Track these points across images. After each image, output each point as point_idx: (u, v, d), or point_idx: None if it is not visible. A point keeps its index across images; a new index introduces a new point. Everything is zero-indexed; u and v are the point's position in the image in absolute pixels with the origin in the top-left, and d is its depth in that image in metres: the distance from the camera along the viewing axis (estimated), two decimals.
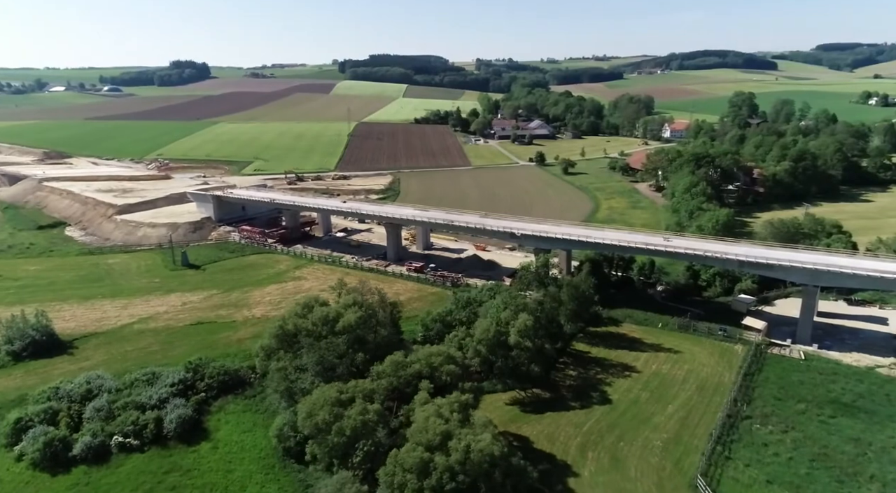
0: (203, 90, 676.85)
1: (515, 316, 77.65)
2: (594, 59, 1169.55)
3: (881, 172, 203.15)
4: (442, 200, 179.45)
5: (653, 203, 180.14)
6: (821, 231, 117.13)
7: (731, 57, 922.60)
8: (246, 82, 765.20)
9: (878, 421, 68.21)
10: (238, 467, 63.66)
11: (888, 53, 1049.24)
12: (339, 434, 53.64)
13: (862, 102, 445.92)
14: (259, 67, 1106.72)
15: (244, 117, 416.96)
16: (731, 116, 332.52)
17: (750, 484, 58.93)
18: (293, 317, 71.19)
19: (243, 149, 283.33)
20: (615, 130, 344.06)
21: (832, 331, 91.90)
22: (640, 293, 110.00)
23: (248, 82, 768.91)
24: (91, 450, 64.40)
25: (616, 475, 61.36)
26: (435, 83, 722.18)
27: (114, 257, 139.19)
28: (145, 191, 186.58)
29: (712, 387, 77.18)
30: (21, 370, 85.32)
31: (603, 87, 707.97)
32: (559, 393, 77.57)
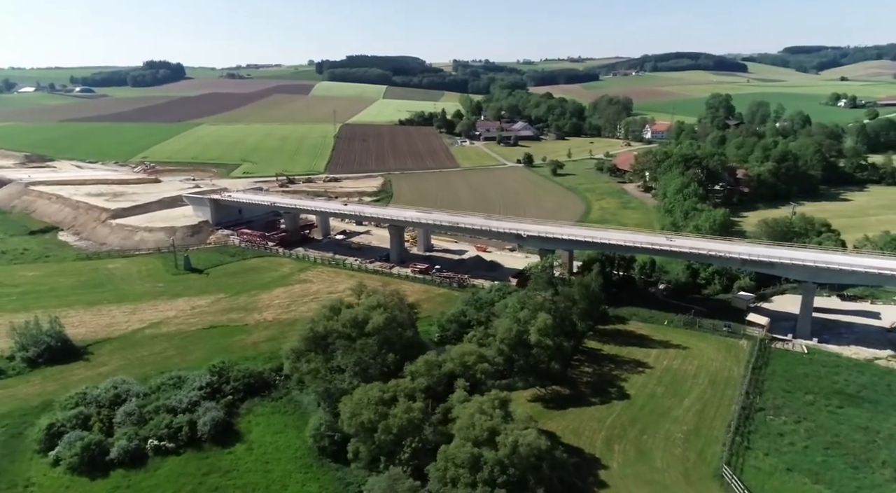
0: (179, 91, 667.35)
1: (534, 315, 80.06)
2: (569, 60, 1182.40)
3: (857, 172, 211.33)
4: (436, 201, 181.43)
5: (642, 204, 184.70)
6: (811, 230, 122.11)
7: (702, 59, 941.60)
8: (223, 83, 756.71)
9: (882, 410, 72.21)
10: (276, 467, 64.81)
11: (851, 56, 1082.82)
12: (385, 432, 55.32)
13: (831, 104, 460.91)
14: (234, 68, 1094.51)
15: (225, 119, 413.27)
16: (710, 118, 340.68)
17: (771, 472, 62.16)
18: (322, 319, 72.42)
19: (229, 151, 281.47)
20: (597, 132, 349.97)
21: (829, 326, 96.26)
22: (642, 292, 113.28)
23: (225, 83, 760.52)
24: (128, 454, 64.91)
25: (643, 466, 64.07)
26: (413, 84, 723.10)
27: (112, 261, 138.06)
28: (136, 195, 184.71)
29: (723, 381, 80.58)
30: (38, 377, 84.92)
31: (580, 88, 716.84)
32: (578, 389, 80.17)
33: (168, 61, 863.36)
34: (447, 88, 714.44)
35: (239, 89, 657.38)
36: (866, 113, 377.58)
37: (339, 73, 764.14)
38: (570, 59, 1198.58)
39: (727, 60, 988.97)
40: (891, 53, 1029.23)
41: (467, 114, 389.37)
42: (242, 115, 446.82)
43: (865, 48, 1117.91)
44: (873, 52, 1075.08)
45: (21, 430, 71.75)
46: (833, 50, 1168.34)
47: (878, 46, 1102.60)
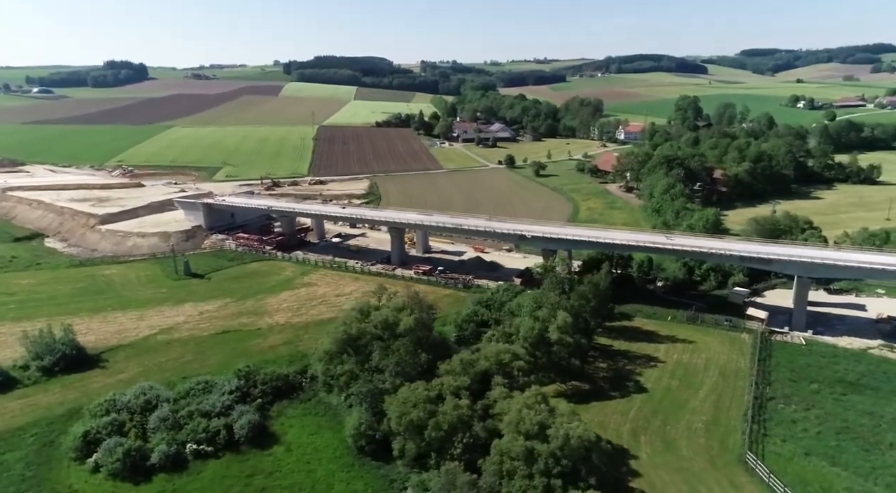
0: (143, 92, 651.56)
1: (553, 314, 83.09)
2: (535, 61, 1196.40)
3: (826, 172, 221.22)
4: (425, 204, 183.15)
5: (627, 204, 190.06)
6: (795, 227, 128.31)
7: (665, 61, 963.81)
8: (188, 84, 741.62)
9: (883, 396, 77.40)
10: (318, 467, 66.05)
11: (804, 59, 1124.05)
12: (436, 429, 57.31)
13: (791, 106, 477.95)
14: (197, 68, 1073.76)
15: (197, 121, 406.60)
16: (680, 119, 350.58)
17: (790, 457, 66.30)
18: (354, 321, 73.84)
19: (208, 154, 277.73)
20: (572, 133, 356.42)
21: (821, 318, 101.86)
22: (641, 290, 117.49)
23: (191, 84, 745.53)
24: (169, 458, 65.40)
25: (670, 455, 67.51)
26: (384, 85, 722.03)
27: (108, 268, 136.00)
28: (122, 199, 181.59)
29: (732, 373, 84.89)
30: (57, 386, 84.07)
31: (548, 89, 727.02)
32: (597, 384, 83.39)
33: (130, 61, 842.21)
34: (417, 88, 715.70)
35: (206, 90, 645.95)
36: (825, 114, 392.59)
37: (309, 74, 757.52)
38: (536, 60, 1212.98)
39: (688, 62, 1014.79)
40: (840, 56, 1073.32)
41: (443, 115, 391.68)
42: (214, 116, 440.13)
43: (817, 51, 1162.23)
44: (824, 55, 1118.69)
45: (52, 438, 71.43)
46: (787, 53, 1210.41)
47: (828, 50, 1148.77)
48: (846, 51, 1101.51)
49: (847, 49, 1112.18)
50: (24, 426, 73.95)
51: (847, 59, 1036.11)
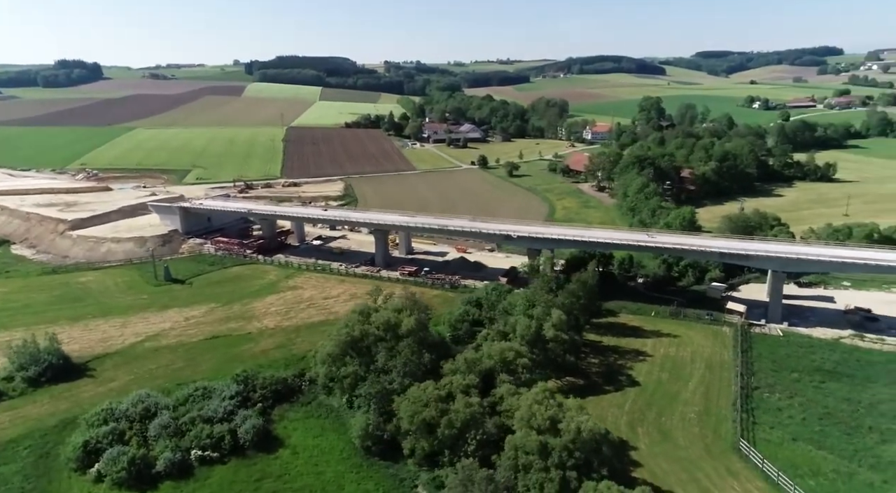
0: (99, 92, 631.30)
1: (548, 312, 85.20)
2: (499, 62, 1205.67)
3: (786, 170, 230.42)
4: (402, 204, 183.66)
5: (601, 203, 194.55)
6: (765, 224, 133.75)
7: (624, 62, 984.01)
8: (145, 84, 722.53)
9: (858, 383, 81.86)
10: (326, 469, 66.44)
11: (756, 61, 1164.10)
12: (449, 427, 58.44)
13: (747, 106, 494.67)
14: (153, 67, 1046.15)
15: (159, 122, 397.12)
16: (644, 119, 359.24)
17: (780, 443, 69.71)
18: (356, 323, 74.32)
19: (176, 156, 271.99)
20: (540, 133, 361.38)
21: (794, 310, 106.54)
22: (623, 286, 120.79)
23: (148, 84, 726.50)
24: (174, 465, 64.87)
25: (668, 445, 70.19)
26: (349, 85, 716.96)
27: (83, 274, 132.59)
28: (90, 204, 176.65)
29: (718, 364, 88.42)
30: (45, 396, 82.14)
31: (512, 90, 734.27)
32: (590, 379, 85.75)
33: (83, 60, 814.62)
34: (383, 89, 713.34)
35: (165, 91, 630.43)
36: (779, 114, 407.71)
37: (271, 74, 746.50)
38: (499, 61, 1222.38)
39: (647, 64, 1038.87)
40: (789, 58, 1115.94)
41: (412, 116, 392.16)
42: (176, 118, 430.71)
43: (768, 54, 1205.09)
44: (774, 57, 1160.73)
45: (48, 450, 70.09)
46: (739, 55, 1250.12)
47: (777, 52, 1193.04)
48: (794, 53, 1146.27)
49: (795, 52, 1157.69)
50: (16, 438, 72.23)
51: (795, 62, 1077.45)
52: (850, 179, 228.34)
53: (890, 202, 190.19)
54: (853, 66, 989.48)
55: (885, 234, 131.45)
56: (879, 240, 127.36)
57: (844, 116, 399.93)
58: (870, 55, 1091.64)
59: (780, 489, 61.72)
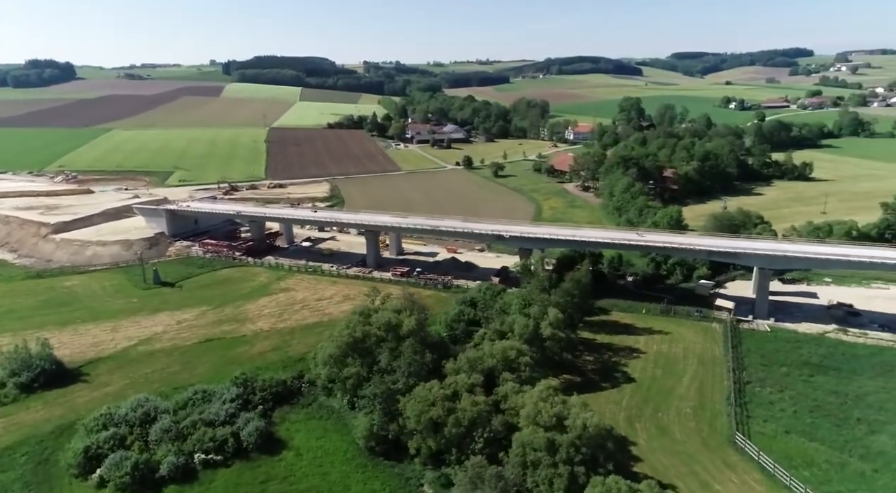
0: (72, 93, 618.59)
1: (545, 311, 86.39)
2: (478, 62, 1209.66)
3: (764, 169, 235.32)
4: (389, 205, 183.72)
5: (587, 202, 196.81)
6: (749, 222, 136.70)
7: (602, 63, 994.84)
8: (121, 84, 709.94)
9: (845, 376, 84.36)
10: (331, 469, 66.66)
11: (729, 62, 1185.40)
12: (456, 425, 59.13)
13: (723, 106, 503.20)
14: (128, 67, 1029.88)
15: (136, 123, 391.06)
16: (625, 120, 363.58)
17: (773, 436, 71.66)
18: (357, 324, 74.61)
19: (157, 158, 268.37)
20: (523, 133, 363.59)
21: (780, 306, 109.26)
22: (613, 285, 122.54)
23: (124, 84, 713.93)
24: (178, 469, 64.60)
25: (666, 440, 71.71)
26: (328, 86, 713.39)
27: (68, 279, 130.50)
28: (72, 207, 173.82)
29: (710, 360, 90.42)
30: (39, 403, 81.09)
31: (492, 90, 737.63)
32: (587, 377, 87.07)
33: (55, 60, 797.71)
34: (363, 89, 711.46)
35: (141, 91, 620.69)
36: (755, 115, 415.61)
37: (250, 75, 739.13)
38: (478, 61, 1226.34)
39: (624, 64, 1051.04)
40: (761, 60, 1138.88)
41: (395, 117, 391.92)
42: (154, 118, 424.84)
43: (741, 55, 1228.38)
44: (747, 58, 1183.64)
45: (46, 456, 69.32)
46: (714, 56, 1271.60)
47: (750, 53, 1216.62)
48: (766, 54, 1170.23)
49: (767, 53, 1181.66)
50: (11, 445, 71.34)
51: (768, 63, 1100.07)
52: (826, 178, 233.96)
53: (864, 200, 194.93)
54: (823, 67, 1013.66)
55: (863, 231, 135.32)
56: (858, 237, 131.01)
57: (817, 117, 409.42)
58: (839, 57, 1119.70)
59: (776, 481, 63.51)
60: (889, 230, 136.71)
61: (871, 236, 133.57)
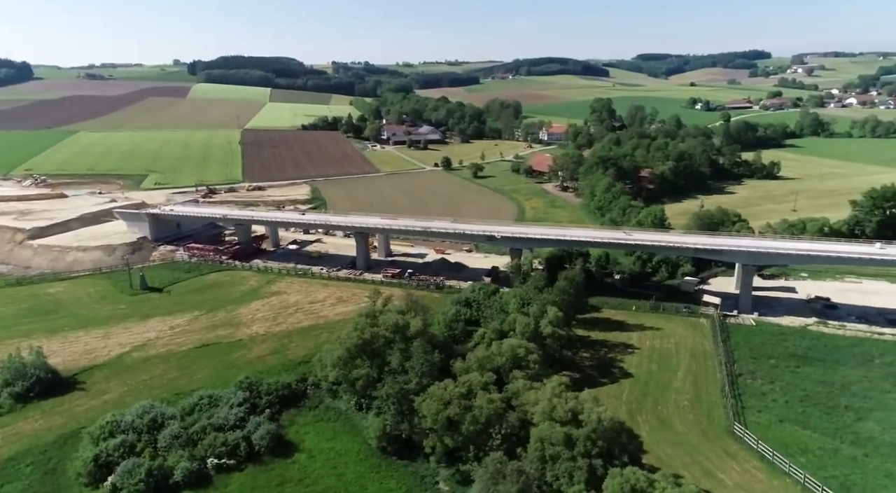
0: (31, 93, 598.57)
1: (543, 309, 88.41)
2: (447, 63, 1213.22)
3: (735, 168, 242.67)
4: (372, 206, 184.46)
5: (567, 202, 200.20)
6: (727, 220, 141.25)
7: (570, 64, 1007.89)
8: (82, 84, 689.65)
9: (829, 367, 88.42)
10: (346, 470, 67.23)
11: (692, 63, 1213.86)
12: (473, 423, 60.42)
13: (690, 107, 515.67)
14: (86, 67, 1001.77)
15: (103, 125, 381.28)
16: (598, 120, 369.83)
17: (768, 425, 74.87)
18: (366, 326, 75.26)
19: (128, 161, 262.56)
20: (498, 134, 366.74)
21: (762, 301, 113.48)
22: (601, 283, 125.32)
23: (85, 84, 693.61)
24: (192, 475, 64.37)
25: (668, 432, 74.28)
26: (298, 86, 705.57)
27: (50, 286, 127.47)
28: (47, 212, 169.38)
29: (701, 354, 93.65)
30: (36, 412, 79.56)
31: (463, 91, 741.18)
32: (585, 373, 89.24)
33: (10, 59, 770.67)
34: (333, 90, 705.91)
35: (103, 91, 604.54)
36: (721, 115, 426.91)
37: (217, 75, 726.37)
38: (448, 62, 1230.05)
39: (591, 65, 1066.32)
40: (722, 61, 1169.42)
41: (369, 118, 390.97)
42: (120, 120, 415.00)
43: (703, 57, 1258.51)
44: (709, 60, 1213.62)
45: (52, 466, 68.40)
46: (677, 57, 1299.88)
47: (712, 55, 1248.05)
48: (727, 56, 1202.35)
49: (728, 55, 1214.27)
50: (14, 456, 70.08)
51: (728, 65, 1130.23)
52: (793, 177, 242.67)
53: (830, 198, 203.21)
54: (780, 69, 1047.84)
55: (834, 227, 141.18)
56: (830, 233, 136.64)
57: (779, 117, 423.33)
58: (794, 59, 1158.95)
59: (775, 468, 66.50)
60: (858, 226, 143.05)
61: (842, 233, 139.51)
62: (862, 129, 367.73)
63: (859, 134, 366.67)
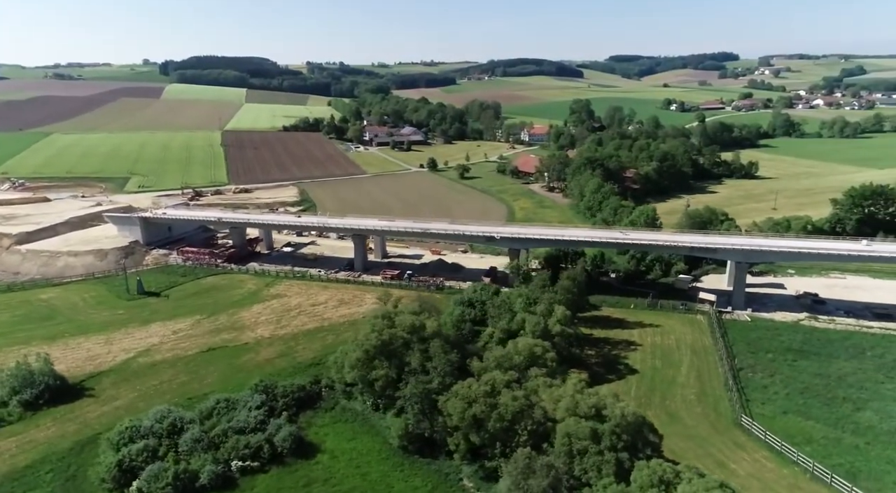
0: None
1: (551, 308, 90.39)
2: (423, 64, 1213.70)
3: (715, 168, 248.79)
4: (362, 208, 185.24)
5: (555, 203, 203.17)
6: (715, 219, 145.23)
7: (545, 65, 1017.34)
8: (50, 85, 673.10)
9: (824, 359, 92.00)
10: (370, 470, 68.07)
11: (664, 65, 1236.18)
12: (499, 420, 61.88)
13: (665, 108, 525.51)
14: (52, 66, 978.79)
15: (76, 126, 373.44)
16: (578, 121, 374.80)
17: (773, 417, 77.81)
18: (383, 328, 76.17)
19: (109, 163, 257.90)
20: (479, 135, 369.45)
21: (753, 297, 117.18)
22: (596, 282, 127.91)
23: (53, 85, 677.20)
24: (219, 478, 64.61)
25: (678, 425, 76.68)
26: (274, 87, 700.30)
27: (42, 291, 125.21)
28: (31, 216, 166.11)
29: (702, 349, 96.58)
30: (47, 420, 78.66)
31: (440, 92, 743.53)
32: (592, 370, 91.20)
33: None
34: (309, 90, 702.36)
35: (73, 92, 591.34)
36: (696, 116, 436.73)
37: (190, 75, 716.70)
38: (423, 62, 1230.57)
39: (566, 66, 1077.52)
40: (693, 63, 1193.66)
41: (351, 119, 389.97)
42: (95, 121, 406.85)
43: (674, 58, 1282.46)
44: (679, 61, 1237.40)
45: (73, 472, 67.96)
46: (649, 59, 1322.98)
47: (682, 57, 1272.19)
48: (697, 58, 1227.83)
49: (698, 57, 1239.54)
50: (31, 464, 69.35)
51: (699, 66, 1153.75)
52: (770, 176, 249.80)
53: (807, 197, 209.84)
54: (748, 70, 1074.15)
55: (817, 225, 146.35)
56: (814, 231, 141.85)
57: (751, 118, 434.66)
58: (761, 60, 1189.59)
59: (784, 458, 69.31)
60: (839, 224, 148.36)
61: (825, 230, 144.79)
62: (831, 129, 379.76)
63: (829, 134, 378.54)
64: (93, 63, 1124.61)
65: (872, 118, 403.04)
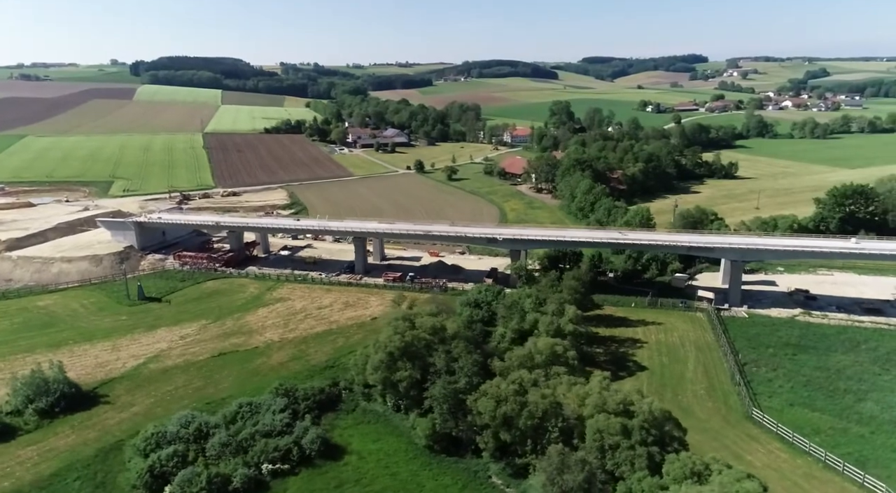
0: None
1: (561, 308, 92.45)
2: (398, 65, 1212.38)
3: (696, 169, 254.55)
4: (354, 211, 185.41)
5: (544, 204, 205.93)
6: (705, 219, 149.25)
7: (520, 67, 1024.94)
8: (15, 85, 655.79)
9: (823, 353, 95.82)
10: (399, 469, 69.14)
11: (636, 66, 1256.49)
12: (530, 418, 63.52)
13: (641, 110, 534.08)
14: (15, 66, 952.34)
15: (48, 129, 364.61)
16: (558, 123, 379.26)
17: (781, 409, 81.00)
18: (405, 329, 77.20)
19: (90, 167, 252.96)
20: (462, 136, 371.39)
21: (747, 294, 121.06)
22: (595, 281, 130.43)
23: (19, 85, 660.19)
24: (251, 481, 65.02)
25: (692, 420, 79.00)
26: (249, 88, 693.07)
27: (39, 298, 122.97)
28: (17, 222, 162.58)
29: (705, 346, 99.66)
30: (65, 427, 78.00)
31: (417, 93, 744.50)
32: (603, 367, 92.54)
33: None
34: (286, 92, 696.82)
35: (41, 93, 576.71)
36: (672, 117, 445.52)
37: (163, 76, 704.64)
38: (398, 63, 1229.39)
39: (540, 68, 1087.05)
40: (664, 65, 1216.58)
41: (332, 120, 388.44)
42: (67, 123, 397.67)
43: (645, 60, 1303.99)
44: (651, 63, 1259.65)
45: (101, 479, 67.71)
46: (621, 61, 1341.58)
47: (653, 59, 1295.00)
48: (668, 60, 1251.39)
49: (668, 59, 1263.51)
50: (57, 472, 68.84)
51: (670, 68, 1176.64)
52: (749, 176, 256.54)
53: (786, 196, 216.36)
54: (717, 72, 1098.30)
55: (802, 224, 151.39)
56: (799, 229, 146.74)
57: (725, 119, 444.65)
58: (729, 63, 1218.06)
59: (795, 448, 72.35)
60: (823, 223, 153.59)
61: (809, 228, 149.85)
62: (802, 130, 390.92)
63: (800, 135, 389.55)
64: (58, 63, 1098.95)
65: (840, 119, 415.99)
